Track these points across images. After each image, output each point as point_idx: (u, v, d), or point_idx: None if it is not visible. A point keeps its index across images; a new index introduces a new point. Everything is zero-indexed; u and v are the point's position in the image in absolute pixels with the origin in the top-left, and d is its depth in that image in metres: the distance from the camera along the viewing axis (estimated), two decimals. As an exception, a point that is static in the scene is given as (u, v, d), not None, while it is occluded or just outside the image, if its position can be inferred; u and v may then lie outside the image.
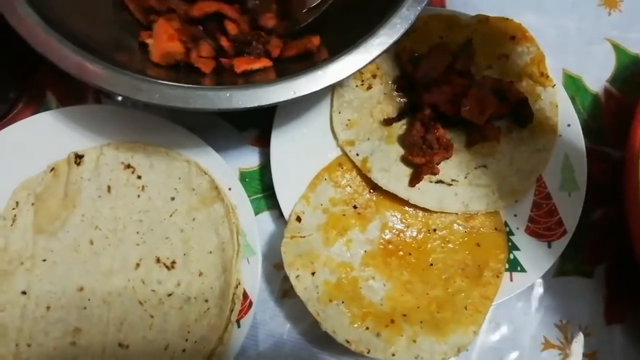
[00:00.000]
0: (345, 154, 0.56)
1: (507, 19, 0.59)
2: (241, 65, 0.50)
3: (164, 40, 0.50)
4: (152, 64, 0.50)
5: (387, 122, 0.57)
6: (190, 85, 0.42)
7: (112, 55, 0.45)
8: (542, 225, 0.55)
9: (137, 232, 0.51)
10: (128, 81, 0.41)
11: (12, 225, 0.50)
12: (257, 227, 0.53)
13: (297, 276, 0.49)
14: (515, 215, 0.56)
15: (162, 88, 0.42)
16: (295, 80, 0.43)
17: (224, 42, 0.52)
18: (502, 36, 0.58)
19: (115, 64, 0.43)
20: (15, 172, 0.51)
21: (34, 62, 0.56)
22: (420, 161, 0.54)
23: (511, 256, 0.54)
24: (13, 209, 0.50)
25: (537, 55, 0.58)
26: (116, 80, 0.42)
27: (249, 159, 0.58)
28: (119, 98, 0.58)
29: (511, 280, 0.53)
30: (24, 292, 0.48)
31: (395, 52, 0.58)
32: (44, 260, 0.49)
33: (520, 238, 0.55)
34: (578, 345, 0.56)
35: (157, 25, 0.50)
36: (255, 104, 0.42)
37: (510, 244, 0.55)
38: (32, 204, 0.50)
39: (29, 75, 0.56)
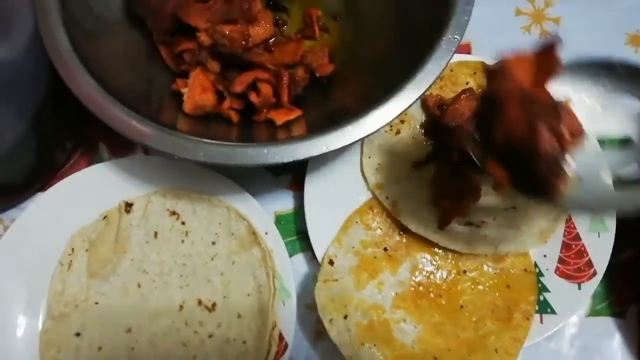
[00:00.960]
0: (375, 197, 0.58)
1: (532, 63, 0.60)
2: (280, 117, 0.54)
3: (197, 93, 0.54)
4: (182, 114, 0.54)
5: (416, 165, 0.59)
6: (231, 144, 0.46)
7: (142, 107, 0.49)
8: (572, 266, 0.56)
9: (181, 275, 0.54)
10: (175, 141, 0.45)
11: (68, 270, 0.54)
12: (292, 269, 0.55)
13: (331, 320, 0.51)
14: (544, 256, 0.57)
15: (206, 147, 0.45)
16: (327, 135, 0.46)
17: (254, 99, 0.55)
18: (528, 80, 0.60)
19: (145, 115, 0.47)
20: (71, 220, 0.55)
21: (89, 116, 0.60)
22: (449, 204, 0.55)
23: (541, 298, 0.55)
24: (69, 254, 0.54)
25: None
26: (164, 140, 0.46)
27: (284, 202, 0.61)
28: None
29: (541, 322, 0.54)
30: (77, 334, 0.52)
31: (422, 98, 0.60)
32: (96, 303, 0.53)
33: (550, 279, 0.56)
34: (613, 388, 0.56)
35: (193, 77, 0.54)
36: (290, 159, 0.46)
37: (540, 285, 0.55)
38: (86, 250, 0.55)
39: (83, 128, 0.61)
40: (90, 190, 0.56)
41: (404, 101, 0.47)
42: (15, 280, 0.53)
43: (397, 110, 0.47)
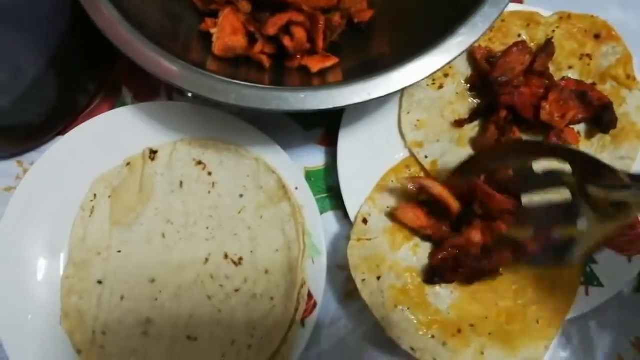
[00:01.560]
0: (413, 155, 0.54)
1: (592, 16, 0.55)
2: (316, 64, 0.50)
3: (227, 34, 0.50)
4: (212, 57, 0.50)
5: (459, 123, 0.55)
6: (265, 87, 0.42)
7: (169, 46, 0.45)
8: (623, 238, 0.52)
9: (207, 228, 0.52)
10: (205, 81, 0.42)
11: (90, 216, 0.52)
12: (322, 226, 0.52)
13: (363, 280, 0.48)
14: (592, 225, 0.53)
15: (238, 88, 0.42)
16: (371, 81, 0.42)
17: (288, 43, 0.51)
18: (585, 35, 0.55)
19: (174, 55, 0.43)
20: (94, 165, 0.53)
21: (112, 57, 0.57)
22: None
23: (588, 269, 0.51)
24: (91, 200, 0.52)
25: (624, 56, 0.54)
26: (193, 80, 0.42)
27: (315, 158, 0.58)
28: (190, 95, 0.59)
29: (587, 294, 0.51)
30: (99, 282, 0.50)
31: (469, 50, 0.56)
32: (119, 252, 0.51)
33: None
34: (655, 366, 0.53)
35: (223, 17, 0.50)
36: (330, 106, 0.42)
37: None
38: (109, 197, 0.52)
39: (107, 70, 0.58)
40: (113, 135, 0.53)
41: (452, 50, 0.43)
42: (36, 224, 0.51)
43: (444, 59, 0.43)
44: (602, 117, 0.53)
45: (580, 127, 0.55)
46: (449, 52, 0.43)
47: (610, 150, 0.54)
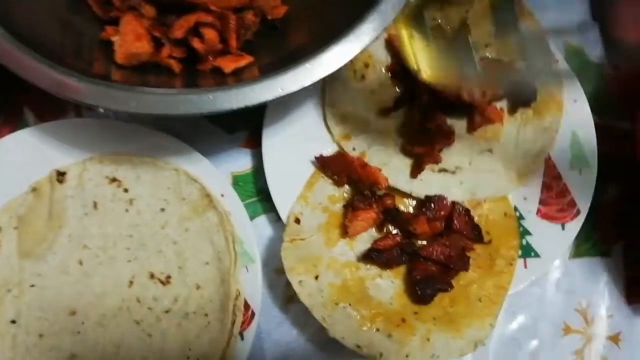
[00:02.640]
0: (342, 149, 0.53)
1: (501, -8, 0.55)
2: (229, 64, 0.48)
3: (130, 40, 0.47)
4: (115, 66, 0.47)
5: (384, 112, 0.54)
6: (170, 90, 0.40)
7: (67, 59, 0.42)
8: (554, 206, 0.53)
9: (128, 248, 0.48)
10: (102, 91, 0.39)
11: (-5, 252, 0.47)
12: (255, 232, 0.50)
13: (300, 281, 0.46)
14: (525, 199, 0.53)
15: (139, 95, 0.39)
16: (282, 76, 0.40)
17: (198, 45, 0.48)
18: (497, 12, 0.55)
19: (72, 69, 0.40)
20: (-5, 195, 0.48)
21: (9, 78, 0.53)
22: (421, 151, 0.51)
23: (523, 242, 0.52)
24: (-5, 234, 0.47)
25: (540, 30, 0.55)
26: (89, 90, 0.39)
27: (241, 162, 0.55)
28: (101, 110, 0.55)
29: (525, 267, 0.51)
30: (13, 321, 0.45)
31: (387, 38, 0.55)
32: (32, 286, 0.46)
33: (532, 222, 0.52)
34: (600, 328, 0.54)
35: (125, 23, 0.47)
36: (241, 105, 0.40)
37: (521, 229, 0.52)
38: (15, 228, 0.48)
39: (4, 93, 0.53)
40: (15, 160, 0.48)
41: (363, 37, 0.42)
42: None
43: (356, 47, 0.42)
44: (522, 93, 0.53)
45: (503, 104, 0.55)
46: (359, 40, 0.42)
47: (534, 123, 0.54)
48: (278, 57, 0.50)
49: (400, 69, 0.55)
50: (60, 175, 0.49)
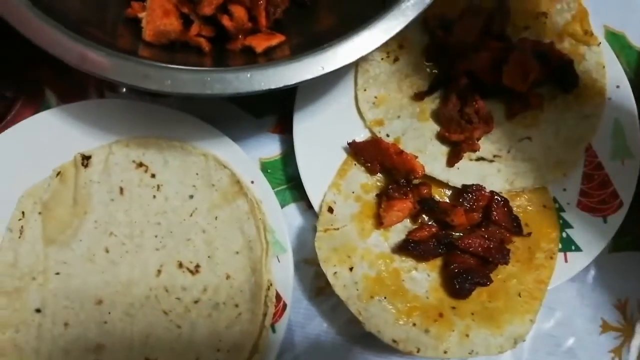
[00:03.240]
0: (374, 134, 0.51)
1: (544, -27, 0.53)
2: (261, 43, 0.45)
3: (158, 16, 0.44)
4: (143, 44, 0.45)
5: (419, 96, 0.52)
6: (206, 69, 0.38)
7: (93, 35, 0.40)
8: (596, 198, 0.51)
9: (156, 236, 0.47)
10: (135, 68, 0.37)
11: (19, 237, 0.45)
12: (285, 220, 0.48)
13: (335, 273, 0.45)
14: (564, 190, 0.51)
15: (174, 73, 0.37)
16: (323, 54, 0.38)
17: (227, 22, 0.46)
18: (538, -8, 0.53)
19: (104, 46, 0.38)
20: (19, 178, 0.46)
21: (30, 57, 0.51)
22: (459, 138, 0.49)
23: (564, 235, 0.50)
24: (19, 219, 0.46)
25: (579, 12, 0.52)
26: (121, 68, 0.37)
27: (270, 148, 0.53)
28: (124, 90, 0.53)
29: (566, 261, 0.49)
30: (38, 310, 0.44)
31: (422, 18, 0.53)
32: (58, 274, 0.45)
33: (573, 214, 0.50)
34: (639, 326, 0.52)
35: None
36: (280, 85, 0.38)
37: (561, 221, 0.50)
38: (40, 213, 0.46)
39: (25, 72, 0.51)
40: (39, 143, 0.47)
41: (406, 14, 0.40)
42: (-44, 254, 0.44)
43: (399, 25, 0.39)
44: (563, 76, 0.51)
45: (543, 89, 0.52)
46: (403, 16, 0.39)
47: (575, 109, 0.52)
48: (309, 37, 0.48)
49: (435, 51, 0.52)
50: (85, 159, 0.47)
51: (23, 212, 0.46)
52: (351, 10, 0.47)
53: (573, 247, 0.49)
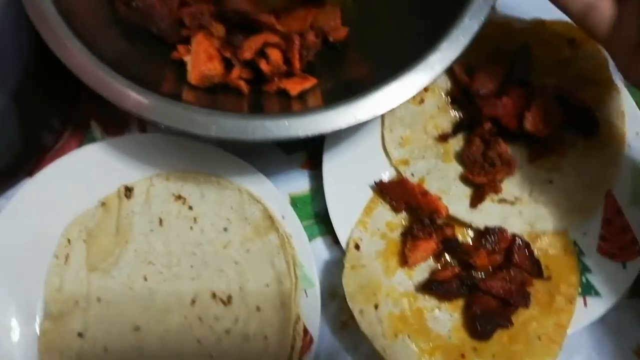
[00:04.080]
0: (400, 173, 0.53)
1: (566, 22, 0.55)
2: (295, 86, 0.48)
3: (203, 61, 0.47)
4: (187, 86, 0.48)
5: (443, 137, 0.54)
6: (247, 115, 0.40)
7: (140, 77, 0.43)
8: (615, 243, 0.52)
9: (191, 266, 0.49)
10: (183, 113, 0.40)
11: (65, 263, 0.48)
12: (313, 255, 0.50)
13: (361, 311, 0.46)
14: (584, 234, 0.52)
15: (219, 119, 0.40)
16: (356, 103, 0.41)
17: (264, 66, 0.49)
18: (560, 40, 0.55)
19: (151, 89, 0.41)
20: (65, 207, 0.50)
21: (77, 91, 0.54)
22: (482, 180, 0.51)
23: (583, 279, 0.51)
24: (65, 246, 0.49)
25: (600, 60, 0.54)
26: (169, 112, 0.40)
27: (299, 183, 0.56)
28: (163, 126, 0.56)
29: (585, 305, 0.50)
30: (80, 334, 0.47)
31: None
32: (99, 300, 0.48)
33: (592, 259, 0.51)
34: (657, 370, 0.53)
35: (196, 43, 0.48)
36: (316, 132, 0.40)
37: (581, 265, 0.51)
38: (84, 241, 0.49)
39: (72, 105, 0.55)
40: (85, 174, 0.50)
41: (435, 66, 0.42)
42: (5, 278, 0.47)
43: (429, 77, 0.42)
44: (584, 122, 0.52)
45: (565, 133, 0.54)
46: (432, 69, 0.41)
47: (595, 155, 0.53)
48: (341, 81, 0.51)
49: (460, 94, 0.55)
50: (128, 191, 0.50)
51: (69, 240, 0.49)
52: (381, 57, 0.50)
53: (592, 292, 0.50)
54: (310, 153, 0.57)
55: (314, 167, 0.56)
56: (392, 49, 0.49)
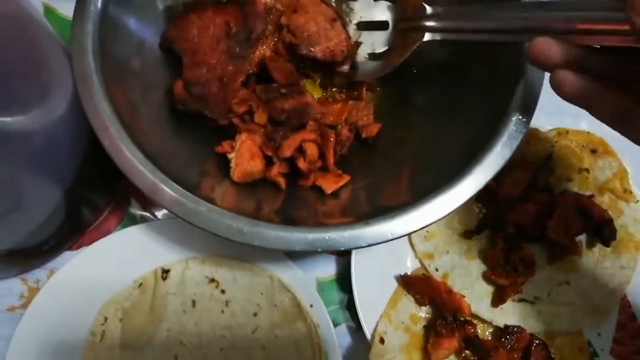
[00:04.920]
0: (423, 267, 0.55)
1: (588, 132, 0.58)
2: (330, 185, 0.51)
3: (246, 160, 0.50)
4: (230, 181, 0.50)
5: (467, 234, 0.56)
6: (289, 228, 0.43)
7: (186, 173, 0.46)
8: (628, 348, 0.54)
9: (221, 349, 0.51)
10: (229, 224, 0.42)
11: (100, 340, 0.51)
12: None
13: (384, 406, 0.48)
14: (599, 335, 0.54)
15: (262, 231, 0.42)
16: (391, 221, 0.43)
17: (302, 164, 0.51)
18: (582, 149, 0.58)
19: (190, 184, 0.43)
20: (103, 285, 0.52)
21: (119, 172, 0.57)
22: (504, 283, 0.53)
23: (595, 373, 0.53)
24: (102, 324, 0.51)
25: (620, 170, 0.57)
26: (216, 222, 0.42)
27: (326, 268, 0.58)
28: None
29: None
30: (112, 411, 0.49)
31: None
32: (131, 377, 0.50)
33: (606, 361, 0.54)
34: None
35: (240, 142, 0.50)
36: (352, 246, 0.43)
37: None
38: (120, 320, 0.51)
39: (115, 185, 0.57)
40: (124, 255, 0.53)
41: (468, 189, 0.44)
42: (44, 352, 0.49)
43: (464, 197, 0.44)
44: (603, 232, 0.55)
45: (582, 237, 0.57)
46: (465, 191, 0.44)
47: (611, 260, 0.56)
48: (371, 178, 0.53)
49: (485, 194, 0.57)
50: (165, 272, 0.53)
51: (105, 318, 0.51)
52: (410, 163, 0.52)
53: (603, 387, 0.52)
54: (337, 237, 0.59)
55: (341, 254, 0.58)
56: (421, 159, 0.51)
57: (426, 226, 0.43)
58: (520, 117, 0.45)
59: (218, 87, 0.50)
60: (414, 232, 0.43)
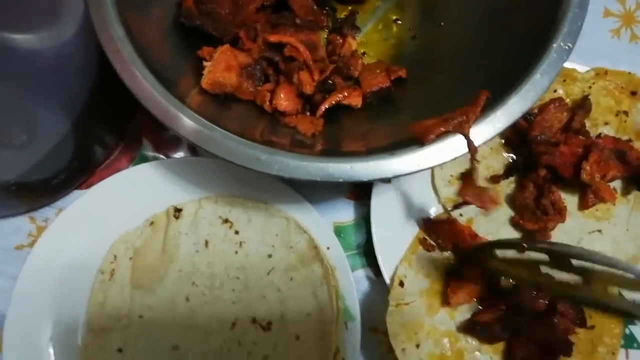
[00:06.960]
0: (447, 211, 0.53)
1: (629, 73, 0.54)
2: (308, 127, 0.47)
3: (220, 69, 0.46)
4: (198, 90, 0.46)
5: (494, 179, 0.53)
6: (309, 157, 0.40)
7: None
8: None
9: (233, 290, 0.49)
10: (246, 151, 0.40)
11: (110, 279, 0.49)
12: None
13: (403, 349, 0.46)
14: (631, 288, 0.52)
15: (282, 159, 0.39)
16: (419, 151, 0.40)
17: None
18: (621, 91, 0.54)
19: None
20: (113, 224, 0.50)
21: (131, 108, 0.54)
22: (534, 227, 0.50)
23: (627, 331, 0.50)
24: (111, 262, 0.49)
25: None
26: (234, 149, 0.40)
27: (345, 213, 0.55)
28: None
29: (627, 358, 0.50)
30: (120, 350, 0.47)
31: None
32: (141, 317, 0.48)
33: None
34: None
35: (220, 52, 0.47)
36: (377, 177, 0.40)
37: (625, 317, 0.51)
38: (130, 258, 0.49)
39: (126, 122, 0.55)
40: (135, 193, 0.50)
41: (502, 119, 0.41)
42: (51, 290, 0.48)
43: (494, 129, 0.41)
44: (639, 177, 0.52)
45: (617, 183, 0.53)
46: (499, 122, 0.41)
47: (646, 208, 0.53)
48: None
49: (515, 138, 0.54)
50: (177, 212, 0.50)
51: (115, 256, 0.49)
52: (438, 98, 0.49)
53: (635, 345, 0.50)
54: (356, 184, 0.56)
55: (359, 198, 0.56)
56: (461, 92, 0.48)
57: (456, 158, 0.40)
58: (562, 43, 0.41)
59: (230, 8, 0.47)
60: (444, 163, 0.40)
